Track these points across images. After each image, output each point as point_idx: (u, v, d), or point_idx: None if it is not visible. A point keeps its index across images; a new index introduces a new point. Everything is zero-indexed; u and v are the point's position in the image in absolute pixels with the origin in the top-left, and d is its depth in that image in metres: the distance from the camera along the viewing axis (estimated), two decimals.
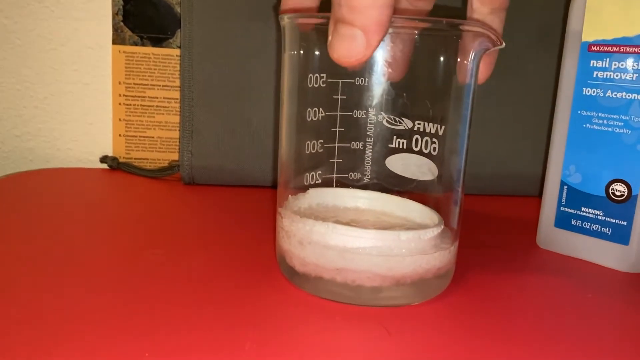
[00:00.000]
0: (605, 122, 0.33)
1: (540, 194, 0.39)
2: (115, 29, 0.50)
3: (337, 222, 0.28)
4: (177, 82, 0.51)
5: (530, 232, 0.38)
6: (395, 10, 0.33)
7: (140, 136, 0.52)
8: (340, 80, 0.29)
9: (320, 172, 0.31)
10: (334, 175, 0.31)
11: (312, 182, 0.31)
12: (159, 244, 0.33)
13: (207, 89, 0.46)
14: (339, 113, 0.30)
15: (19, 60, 0.51)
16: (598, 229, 0.34)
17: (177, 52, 0.51)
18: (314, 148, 0.30)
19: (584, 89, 0.34)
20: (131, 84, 0.51)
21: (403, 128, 0.29)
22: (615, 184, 0.33)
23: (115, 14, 0.50)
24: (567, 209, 0.35)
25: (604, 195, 0.33)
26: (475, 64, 0.28)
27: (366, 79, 0.29)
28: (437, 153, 0.29)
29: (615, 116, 0.33)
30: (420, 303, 0.27)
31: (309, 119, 0.29)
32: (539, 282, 0.31)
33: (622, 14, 0.32)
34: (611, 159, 0.33)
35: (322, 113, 0.30)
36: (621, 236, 0.33)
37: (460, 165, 0.29)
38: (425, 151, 0.29)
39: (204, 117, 0.46)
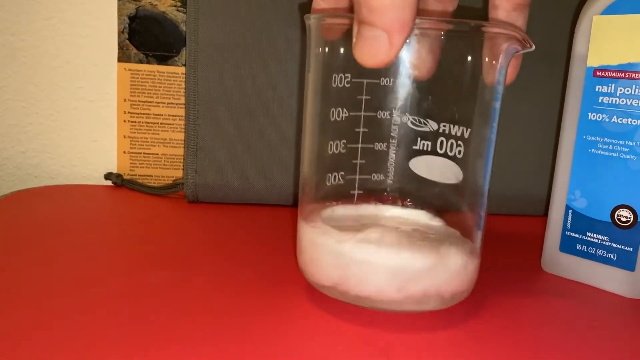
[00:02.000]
0: (610, 147, 0.33)
1: (544, 214, 0.38)
2: (120, 47, 0.51)
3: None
4: (182, 100, 0.51)
5: (534, 254, 0.38)
6: (422, 12, 0.32)
7: (144, 153, 0.52)
8: (365, 80, 0.29)
9: (342, 173, 0.30)
10: (357, 176, 0.30)
11: (335, 183, 0.30)
12: (162, 263, 0.33)
13: (212, 107, 0.46)
14: (362, 114, 0.29)
15: (25, 77, 0.51)
16: (603, 254, 0.34)
17: (182, 69, 0.51)
18: (337, 149, 0.29)
19: (589, 113, 0.34)
20: (136, 102, 0.51)
21: (428, 130, 0.28)
22: (621, 209, 0.33)
23: (120, 32, 0.50)
24: (572, 234, 0.35)
25: (610, 220, 0.33)
26: (503, 66, 0.27)
27: (391, 80, 0.28)
28: (462, 156, 0.28)
29: (620, 142, 0.33)
30: (420, 330, 0.27)
31: (332, 119, 0.29)
32: (544, 308, 0.31)
33: (627, 40, 0.32)
34: (616, 185, 0.33)
35: (345, 113, 0.29)
36: (627, 262, 0.33)
37: (486, 170, 0.28)
38: (450, 154, 0.28)
39: (208, 135, 0.46)
